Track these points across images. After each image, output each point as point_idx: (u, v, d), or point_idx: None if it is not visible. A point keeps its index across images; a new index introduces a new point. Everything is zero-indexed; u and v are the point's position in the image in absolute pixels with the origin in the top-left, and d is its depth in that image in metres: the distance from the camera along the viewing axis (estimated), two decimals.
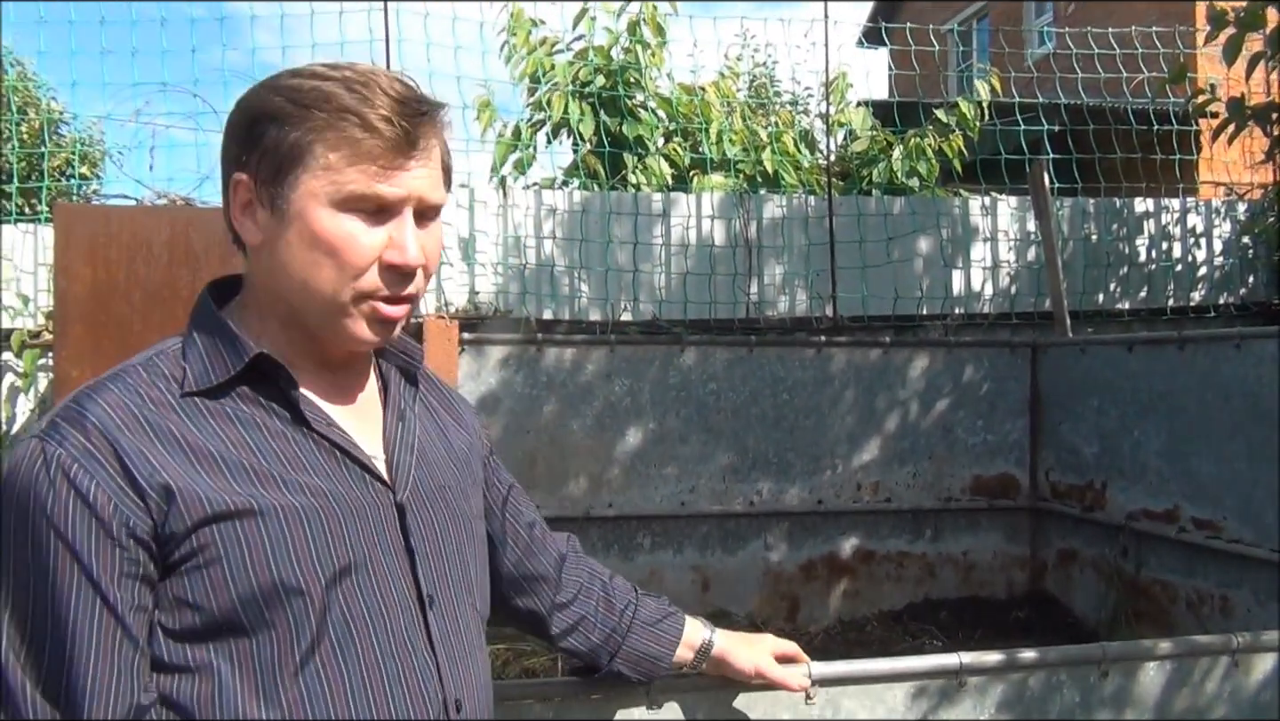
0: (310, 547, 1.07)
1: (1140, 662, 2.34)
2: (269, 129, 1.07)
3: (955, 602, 5.09)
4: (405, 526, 1.16)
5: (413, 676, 1.12)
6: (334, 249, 1.07)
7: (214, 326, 1.13)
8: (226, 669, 1.03)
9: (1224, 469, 4.03)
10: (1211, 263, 6.12)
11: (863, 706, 2.20)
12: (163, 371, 1.09)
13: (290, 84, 1.09)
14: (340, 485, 1.12)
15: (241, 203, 1.10)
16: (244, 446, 1.08)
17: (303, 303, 1.11)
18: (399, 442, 1.20)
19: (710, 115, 6.28)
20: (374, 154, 1.06)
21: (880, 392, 5.01)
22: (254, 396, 1.11)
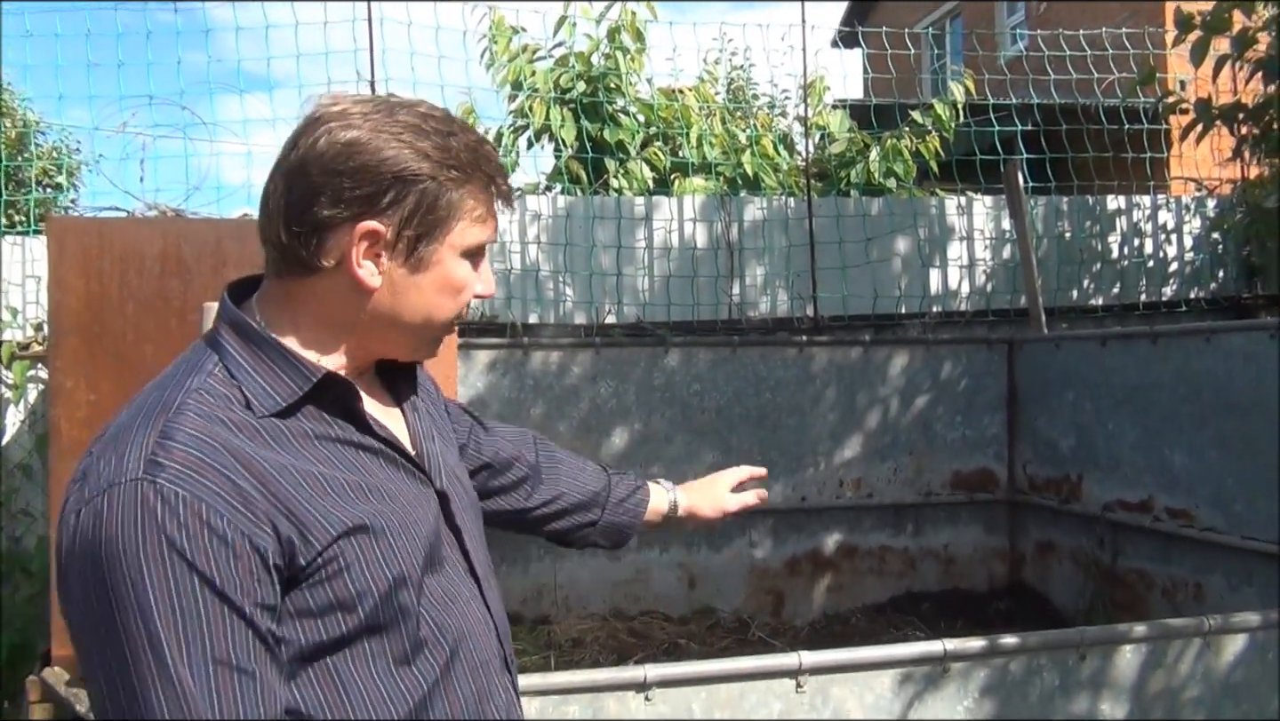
0: (406, 545, 1.15)
1: (1117, 646, 2.43)
2: (419, 186, 1.13)
3: (937, 595, 5.19)
4: (450, 511, 1.27)
5: (488, 644, 1.25)
6: (460, 291, 1.21)
7: (261, 344, 1.15)
8: (345, 669, 1.10)
9: (1196, 459, 4.14)
10: (1182, 258, 6.24)
11: (851, 693, 2.29)
12: (221, 393, 1.11)
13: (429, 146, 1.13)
14: (405, 484, 1.21)
15: (367, 250, 1.14)
16: (329, 462, 1.13)
17: (416, 332, 1.22)
18: (422, 435, 1.29)
19: (690, 119, 6.35)
20: (490, 211, 1.21)
21: (861, 390, 5.11)
22: (317, 413, 1.16)
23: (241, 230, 3.74)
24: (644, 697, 2.18)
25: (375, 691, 1.11)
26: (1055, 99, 6.40)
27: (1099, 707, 2.41)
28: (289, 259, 1.16)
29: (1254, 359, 3.83)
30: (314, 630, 1.08)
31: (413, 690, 1.14)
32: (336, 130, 1.13)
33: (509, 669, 1.30)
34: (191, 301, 3.71)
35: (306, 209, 1.13)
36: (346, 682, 1.10)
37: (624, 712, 2.17)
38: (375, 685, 1.11)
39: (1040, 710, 2.38)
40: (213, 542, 0.99)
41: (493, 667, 1.25)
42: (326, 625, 1.08)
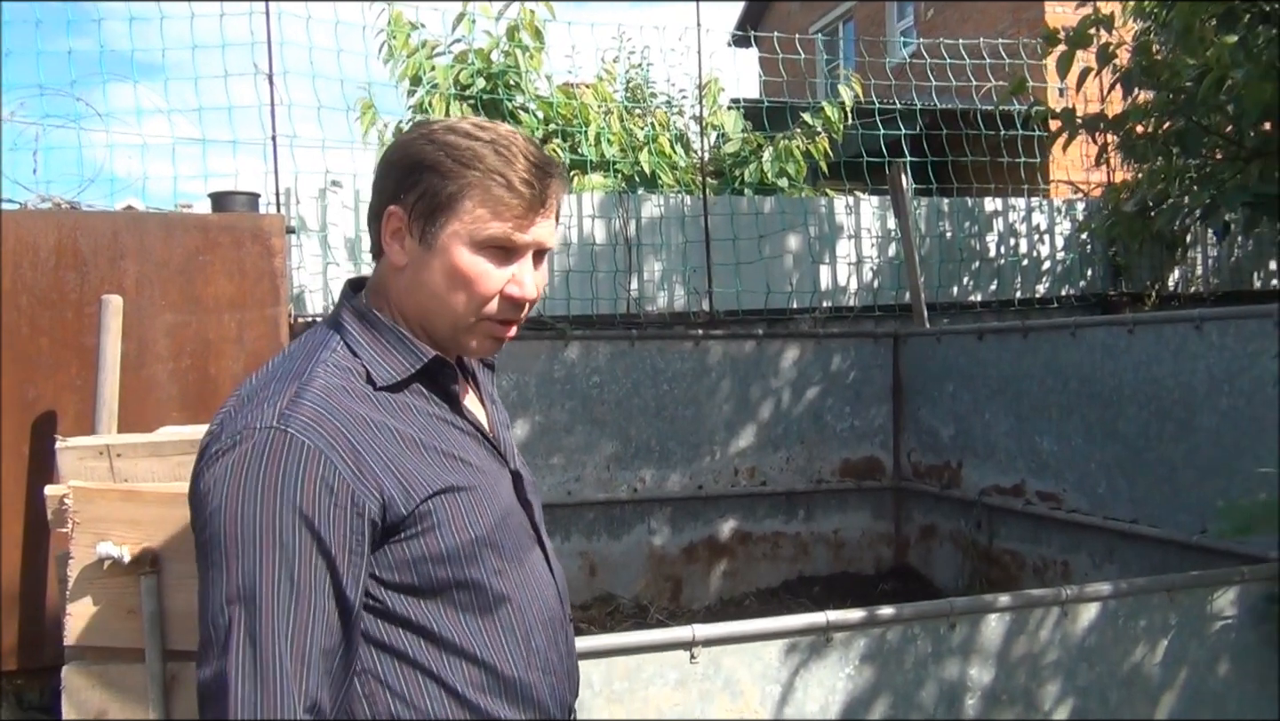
0: (489, 511, 1.32)
1: (983, 615, 2.63)
2: (427, 177, 1.29)
3: (827, 578, 5.41)
4: (521, 489, 1.45)
5: (552, 603, 1.41)
6: (469, 281, 1.31)
7: (380, 327, 1.34)
8: (437, 613, 1.27)
9: (1063, 446, 4.42)
10: (1054, 258, 6.60)
11: (742, 663, 2.44)
12: (345, 366, 1.29)
13: (447, 140, 1.30)
14: (489, 461, 1.39)
15: (392, 229, 1.32)
16: (430, 432, 1.31)
17: (437, 318, 1.34)
18: (498, 422, 1.47)
19: (588, 117, 6.47)
20: (513, 209, 1.30)
21: (755, 382, 5.29)
22: (420, 390, 1.34)
23: (140, 223, 3.72)
24: None
25: (464, 636, 1.28)
26: (937, 104, 6.70)
27: (968, 672, 2.61)
28: (372, 244, 1.37)
29: (1114, 352, 4.11)
30: (409, 577, 1.24)
31: (494, 638, 1.30)
32: (401, 138, 1.36)
33: (566, 625, 1.46)
34: (88, 294, 3.69)
35: (372, 200, 1.36)
36: (439, 628, 1.26)
37: None
38: (464, 631, 1.28)
39: (915, 675, 2.56)
40: (321, 488, 1.17)
41: (558, 622, 1.41)
42: (420, 574, 1.25)
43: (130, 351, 3.55)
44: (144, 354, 3.67)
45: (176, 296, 3.73)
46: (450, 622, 1.28)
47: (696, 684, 2.38)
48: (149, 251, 3.71)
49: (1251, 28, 4.53)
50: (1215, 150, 5.11)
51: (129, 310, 3.52)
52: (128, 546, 2.07)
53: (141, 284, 3.70)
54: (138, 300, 3.66)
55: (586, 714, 2.29)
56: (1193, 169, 5.29)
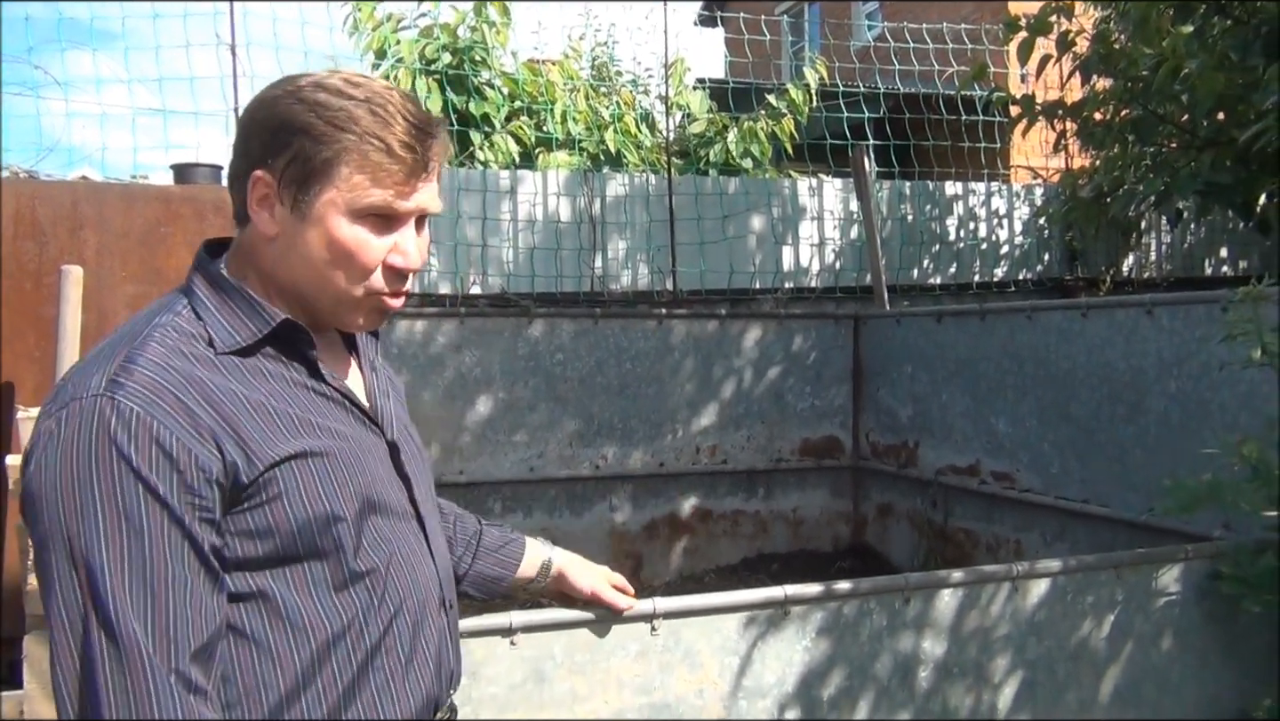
0: (349, 481, 1.24)
1: (937, 590, 2.69)
2: (298, 140, 1.20)
3: (785, 556, 5.48)
4: (399, 460, 1.35)
5: (426, 584, 1.34)
6: (349, 254, 1.23)
7: (228, 291, 1.25)
8: (283, 589, 1.19)
9: (1017, 427, 4.50)
10: (1013, 242, 6.69)
11: (701, 635, 2.48)
12: (188, 331, 1.20)
13: (318, 99, 1.20)
14: (356, 429, 1.30)
15: (259, 196, 1.23)
16: (281, 398, 1.22)
17: (315, 292, 1.26)
18: (376, 390, 1.38)
19: (554, 94, 6.46)
20: (393, 176, 1.21)
21: (717, 362, 5.33)
22: (275, 355, 1.25)
23: (99, 193, 3.69)
24: (509, 642, 2.32)
25: (311, 611, 1.20)
26: (900, 88, 6.76)
27: (921, 645, 2.67)
28: (235, 207, 1.28)
29: (1068, 335, 4.19)
30: (253, 549, 1.17)
31: (345, 614, 1.22)
32: (265, 93, 1.25)
33: (446, 609, 1.38)
34: (47, 264, 3.65)
35: (235, 160, 1.26)
36: (284, 602, 1.18)
37: (490, 656, 2.30)
38: (311, 606, 1.20)
39: (870, 647, 2.62)
40: (157, 455, 1.09)
41: (429, 606, 1.33)
42: (264, 545, 1.17)
43: (90, 323, 3.52)
44: (104, 325, 3.65)
45: (137, 268, 3.71)
46: (301, 599, 1.19)
47: (657, 655, 2.42)
48: (109, 222, 3.68)
49: (1207, 19, 4.62)
50: (1170, 139, 5.20)
51: (89, 281, 3.50)
52: None
53: (102, 255, 3.67)
54: (98, 271, 3.63)
55: (549, 685, 2.33)
56: (1148, 157, 5.39)
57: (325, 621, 1.21)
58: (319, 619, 1.20)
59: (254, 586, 1.18)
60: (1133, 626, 2.85)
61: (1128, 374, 3.89)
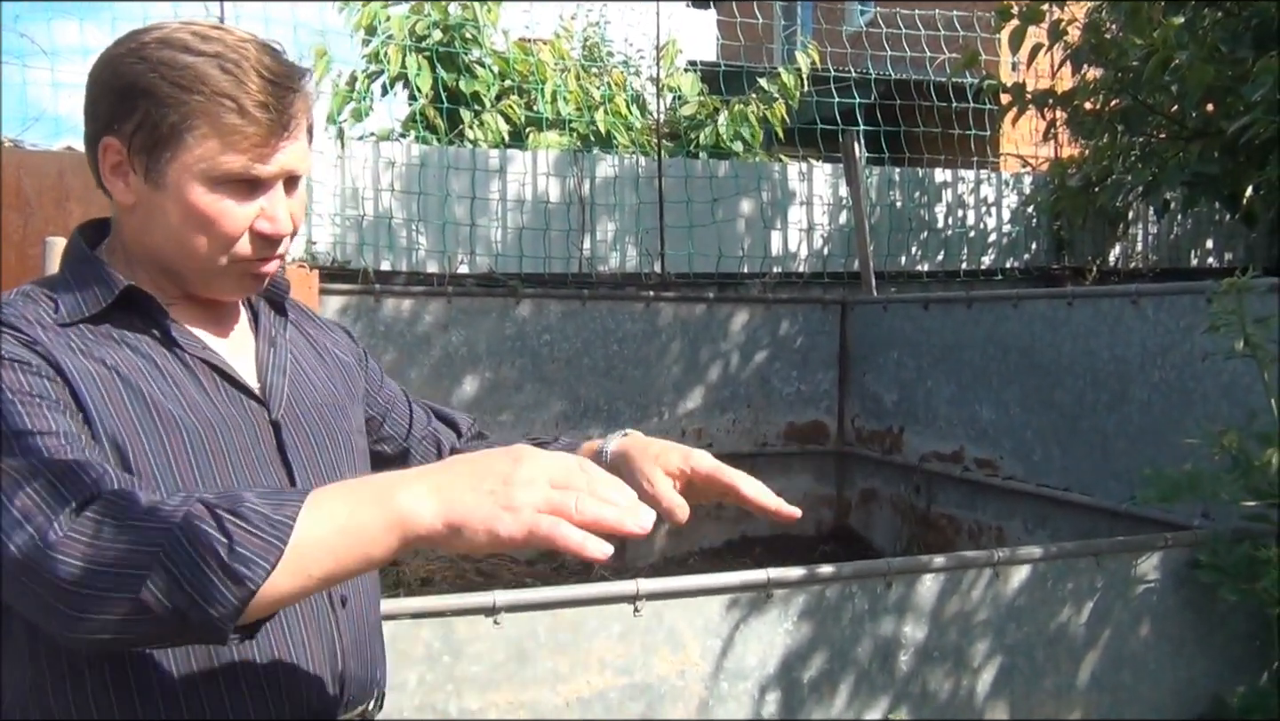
0: (193, 463, 1.12)
1: (919, 574, 2.72)
2: (143, 103, 1.10)
3: (769, 540, 5.51)
4: (281, 442, 1.22)
5: None
6: (209, 222, 1.13)
7: (84, 263, 1.17)
8: None
9: (1001, 414, 4.53)
10: (1000, 230, 6.71)
11: (684, 616, 2.50)
12: (39, 303, 1.13)
13: (163, 57, 1.10)
14: (217, 404, 1.17)
15: (111, 164, 1.13)
16: (129, 365, 1.12)
17: (179, 262, 1.17)
18: (270, 366, 1.26)
19: (545, 74, 6.44)
20: (250, 138, 1.10)
21: (704, 345, 5.34)
22: (126, 326, 1.15)
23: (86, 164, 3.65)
24: (493, 621, 2.33)
25: None
26: (892, 74, 6.75)
27: (902, 629, 2.70)
28: (95, 177, 1.18)
29: (1054, 324, 4.22)
30: None
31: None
32: (109, 49, 1.15)
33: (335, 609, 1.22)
34: (32, 235, 3.61)
35: (85, 125, 1.16)
36: None
37: (474, 635, 2.31)
38: None
39: (851, 631, 2.65)
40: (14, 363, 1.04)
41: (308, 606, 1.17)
42: None
43: None
44: None
45: None
46: None
47: (639, 636, 2.44)
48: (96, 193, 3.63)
49: (1197, 10, 4.62)
50: (1158, 129, 5.22)
51: None
52: None
53: None
54: None
55: (531, 664, 2.34)
56: (1136, 147, 5.41)
57: None
58: None
59: None
60: (1111, 613, 2.88)
61: (1111, 363, 3.91)
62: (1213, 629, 2.98)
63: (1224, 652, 2.99)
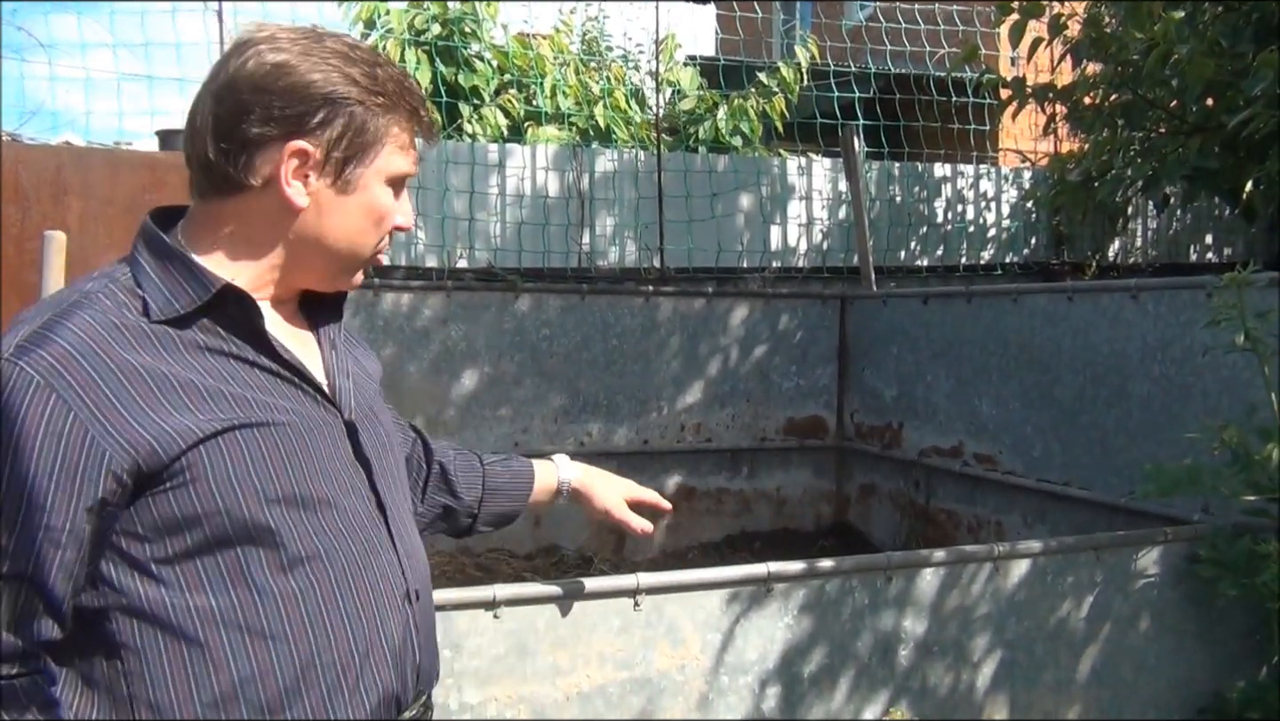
0: (287, 461, 1.16)
1: (919, 569, 2.71)
2: (346, 110, 1.18)
3: (768, 534, 5.51)
4: (358, 442, 1.28)
5: (384, 573, 1.25)
6: (381, 218, 1.25)
7: (170, 257, 1.18)
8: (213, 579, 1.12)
9: (1001, 409, 4.52)
10: (1000, 225, 6.71)
11: (684, 611, 2.49)
12: (121, 299, 1.14)
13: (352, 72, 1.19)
14: (305, 405, 1.22)
15: (293, 167, 1.18)
16: (216, 374, 1.15)
17: (344, 257, 1.26)
18: (336, 369, 1.31)
19: (544, 68, 6.43)
20: (411, 142, 1.25)
21: (703, 340, 5.33)
22: (214, 327, 1.17)
23: (84, 159, 3.65)
24: (493, 615, 2.32)
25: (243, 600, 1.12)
26: (891, 68, 6.74)
27: (902, 623, 2.69)
28: (215, 177, 1.19)
29: (1053, 319, 4.21)
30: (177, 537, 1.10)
31: (284, 604, 1.14)
32: (265, 52, 1.17)
33: (411, 602, 1.29)
34: (29, 229, 3.62)
35: (235, 126, 1.17)
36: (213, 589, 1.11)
37: (474, 629, 2.31)
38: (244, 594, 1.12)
39: (851, 625, 2.64)
40: (46, 432, 1.04)
41: (388, 599, 1.24)
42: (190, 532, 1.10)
43: None
44: None
45: (122, 235, 3.67)
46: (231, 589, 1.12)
47: (639, 630, 2.44)
48: (94, 188, 3.65)
49: (1198, 5, 4.62)
50: (1158, 124, 5.22)
51: (73, 248, 3.46)
52: None
53: (86, 221, 3.64)
54: (81, 238, 3.60)
55: (531, 658, 2.34)
56: (1136, 141, 5.40)
57: (261, 612, 1.13)
58: (255, 609, 1.13)
59: (180, 575, 1.11)
60: (1111, 607, 2.87)
61: (1111, 358, 3.91)
62: (1212, 624, 2.97)
63: (1224, 647, 2.99)
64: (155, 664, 1.10)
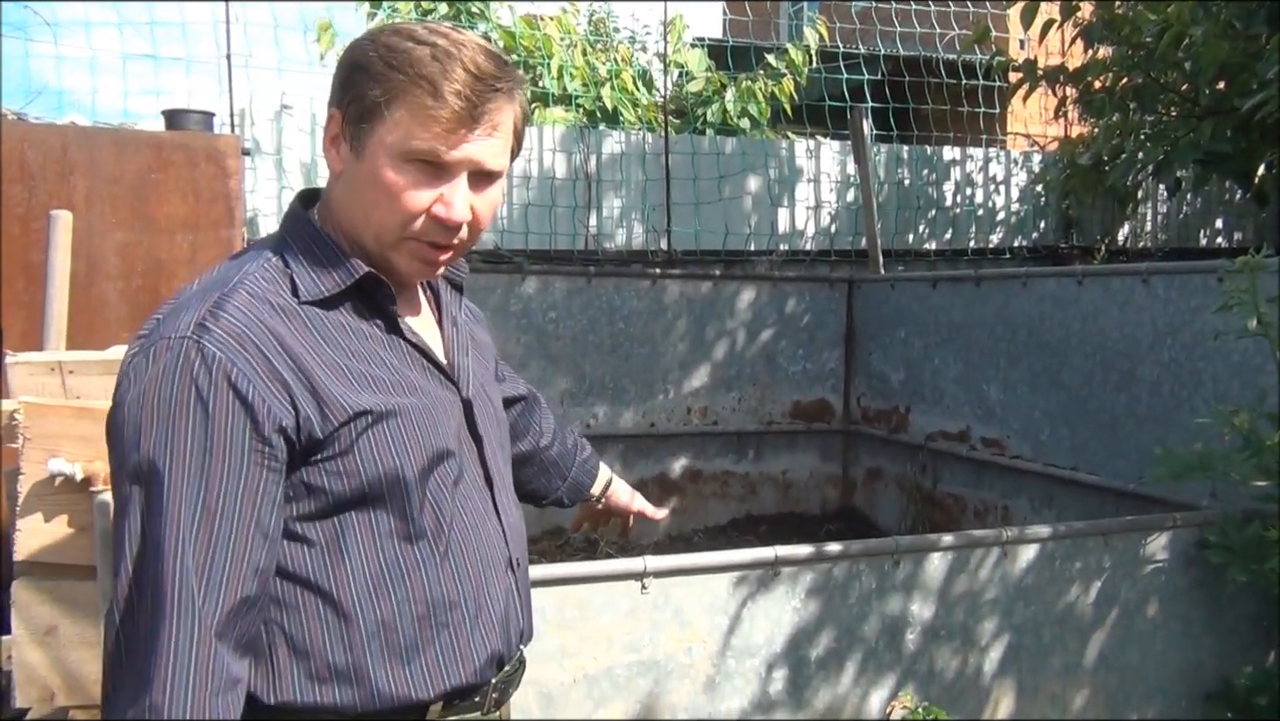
0: (419, 438, 1.25)
1: (926, 553, 2.70)
2: (360, 79, 1.21)
3: (774, 518, 5.51)
4: (473, 419, 1.36)
5: (491, 541, 1.34)
6: (392, 194, 1.22)
7: (316, 240, 1.27)
8: (351, 539, 1.21)
9: (1008, 393, 4.51)
10: (1009, 209, 6.67)
11: (691, 594, 2.49)
12: (274, 278, 1.23)
13: (388, 42, 1.22)
14: (431, 385, 1.30)
15: (331, 135, 1.25)
16: (360, 355, 1.24)
17: (362, 230, 1.26)
18: (456, 346, 1.39)
19: (551, 49, 6.39)
20: (439, 121, 1.19)
21: (710, 323, 5.32)
22: (356, 308, 1.27)
23: (90, 138, 3.63)
24: None
25: (374, 562, 1.22)
26: (900, 50, 6.70)
27: (910, 607, 2.69)
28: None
29: (1062, 303, 4.19)
30: (323, 500, 1.20)
31: (409, 567, 1.24)
32: (357, 38, 1.27)
33: (514, 570, 1.38)
34: (36, 209, 3.60)
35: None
36: (349, 550, 1.21)
37: None
38: (375, 556, 1.22)
39: (859, 609, 2.64)
40: (234, 401, 1.13)
41: (495, 566, 1.33)
42: (335, 496, 1.20)
43: (79, 270, 3.49)
44: (94, 272, 3.61)
45: (128, 215, 3.66)
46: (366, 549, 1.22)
47: (647, 613, 2.43)
48: (99, 167, 3.63)
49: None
50: (1170, 107, 5.17)
51: (78, 227, 3.45)
52: (80, 463, 2.06)
53: (91, 201, 3.62)
54: (87, 217, 3.59)
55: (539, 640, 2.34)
56: (1148, 125, 5.36)
57: (389, 574, 1.23)
58: (384, 571, 1.23)
59: (322, 536, 1.21)
60: (1119, 592, 2.87)
61: (1121, 342, 3.89)
62: (1221, 609, 2.96)
63: (1232, 633, 2.98)
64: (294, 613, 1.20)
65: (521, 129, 1.32)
